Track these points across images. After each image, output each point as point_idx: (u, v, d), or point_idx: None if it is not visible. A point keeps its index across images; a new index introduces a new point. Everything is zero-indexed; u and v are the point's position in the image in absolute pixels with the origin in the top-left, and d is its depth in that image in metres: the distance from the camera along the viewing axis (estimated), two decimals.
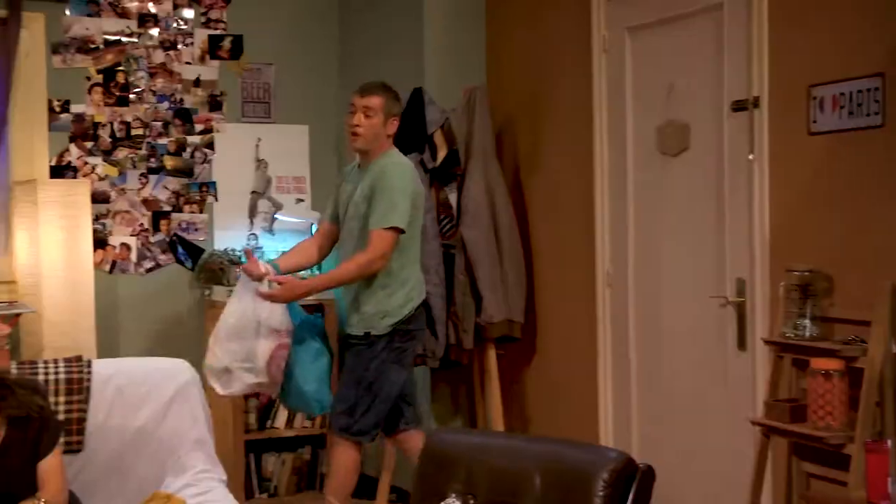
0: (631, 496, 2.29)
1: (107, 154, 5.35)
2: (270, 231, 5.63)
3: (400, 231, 3.88)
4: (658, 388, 4.20)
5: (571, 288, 4.63)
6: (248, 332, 3.82)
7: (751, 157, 3.67)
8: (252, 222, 5.63)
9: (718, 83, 3.83)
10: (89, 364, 3.29)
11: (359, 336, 3.98)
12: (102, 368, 3.32)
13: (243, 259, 4.12)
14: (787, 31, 3.55)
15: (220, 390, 3.90)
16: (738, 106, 3.72)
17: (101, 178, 5.33)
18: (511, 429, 4.85)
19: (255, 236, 5.62)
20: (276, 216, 5.64)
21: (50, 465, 2.89)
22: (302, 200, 5.69)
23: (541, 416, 4.88)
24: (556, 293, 4.75)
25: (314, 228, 5.05)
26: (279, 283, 3.91)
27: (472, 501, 2.46)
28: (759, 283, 3.67)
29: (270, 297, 3.86)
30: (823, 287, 3.34)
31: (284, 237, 5.52)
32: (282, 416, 5.31)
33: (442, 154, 4.66)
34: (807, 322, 3.32)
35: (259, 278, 3.89)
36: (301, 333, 3.95)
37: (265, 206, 5.68)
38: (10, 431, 2.84)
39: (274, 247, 5.45)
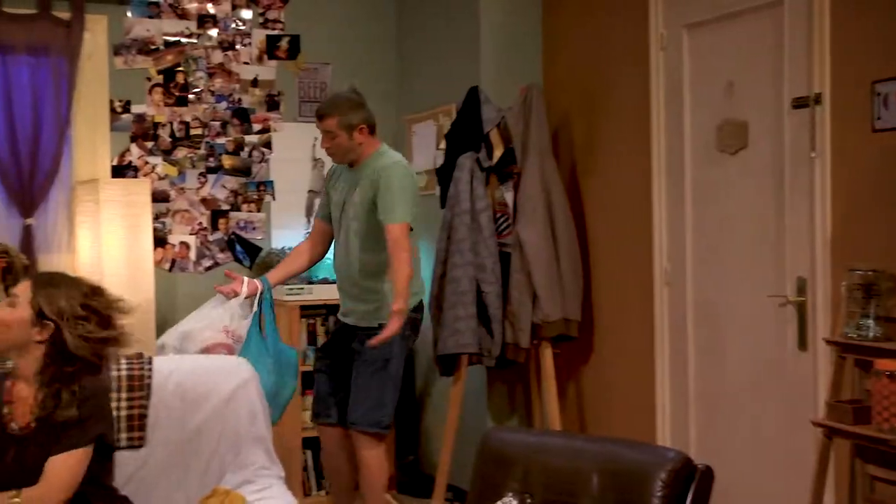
0: (689, 497, 2.27)
1: (166, 154, 5.43)
2: None
3: (409, 227, 3.93)
4: (716, 387, 4.16)
5: (629, 286, 4.60)
6: (200, 325, 3.83)
7: (812, 154, 3.61)
8: (309, 221, 5.66)
9: (778, 80, 3.77)
10: (150, 361, 3.32)
11: (373, 328, 3.99)
12: (163, 366, 3.35)
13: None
14: (850, 26, 3.49)
15: None
16: (799, 103, 3.67)
17: (161, 178, 5.40)
18: (567, 428, 4.83)
19: None
20: None
21: (56, 464, 2.74)
22: None
23: (597, 415, 4.85)
24: (613, 292, 4.72)
25: None
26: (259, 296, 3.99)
27: (528, 500, 2.45)
28: (821, 282, 3.61)
29: (392, 333, 3.82)
30: (888, 287, 3.28)
31: None
32: None
33: (498, 153, 4.66)
34: (870, 322, 3.27)
35: (234, 296, 3.92)
36: (264, 354, 3.91)
37: None
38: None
39: None
